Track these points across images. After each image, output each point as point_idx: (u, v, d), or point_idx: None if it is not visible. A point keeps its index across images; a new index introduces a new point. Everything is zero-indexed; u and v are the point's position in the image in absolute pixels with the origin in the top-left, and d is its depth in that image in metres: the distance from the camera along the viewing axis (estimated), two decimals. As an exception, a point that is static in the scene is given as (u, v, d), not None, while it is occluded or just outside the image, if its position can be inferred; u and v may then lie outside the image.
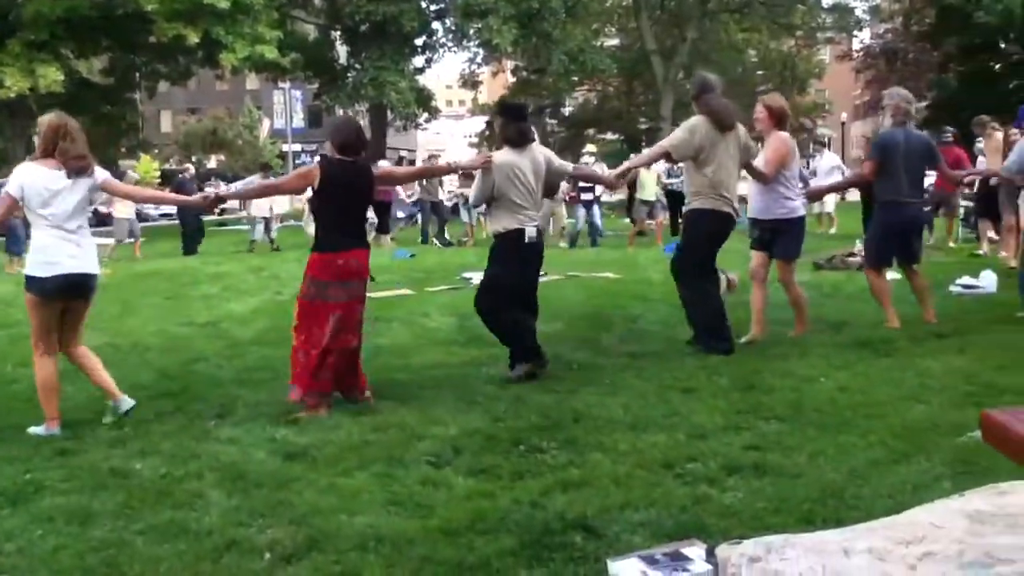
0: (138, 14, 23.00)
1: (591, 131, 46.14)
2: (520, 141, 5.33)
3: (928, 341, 5.84)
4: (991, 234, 11.24)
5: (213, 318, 7.85)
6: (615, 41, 42.07)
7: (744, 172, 6.13)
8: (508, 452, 3.85)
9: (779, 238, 6.14)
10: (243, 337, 6.92)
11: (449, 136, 73.31)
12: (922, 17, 29.59)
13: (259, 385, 5.31)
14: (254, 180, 15.47)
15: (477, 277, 9.96)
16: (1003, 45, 26.67)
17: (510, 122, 5.44)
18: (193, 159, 40.10)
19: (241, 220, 21.89)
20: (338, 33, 31.46)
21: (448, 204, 18.17)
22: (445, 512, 3.19)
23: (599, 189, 14.86)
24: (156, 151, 45.44)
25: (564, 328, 6.78)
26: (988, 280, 7.79)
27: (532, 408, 4.49)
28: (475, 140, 42.77)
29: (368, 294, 8.65)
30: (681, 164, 6.89)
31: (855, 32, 38.50)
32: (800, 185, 7.67)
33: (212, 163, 48.64)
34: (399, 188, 16.56)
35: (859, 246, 11.05)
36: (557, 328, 6.77)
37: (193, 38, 22.97)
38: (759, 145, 6.28)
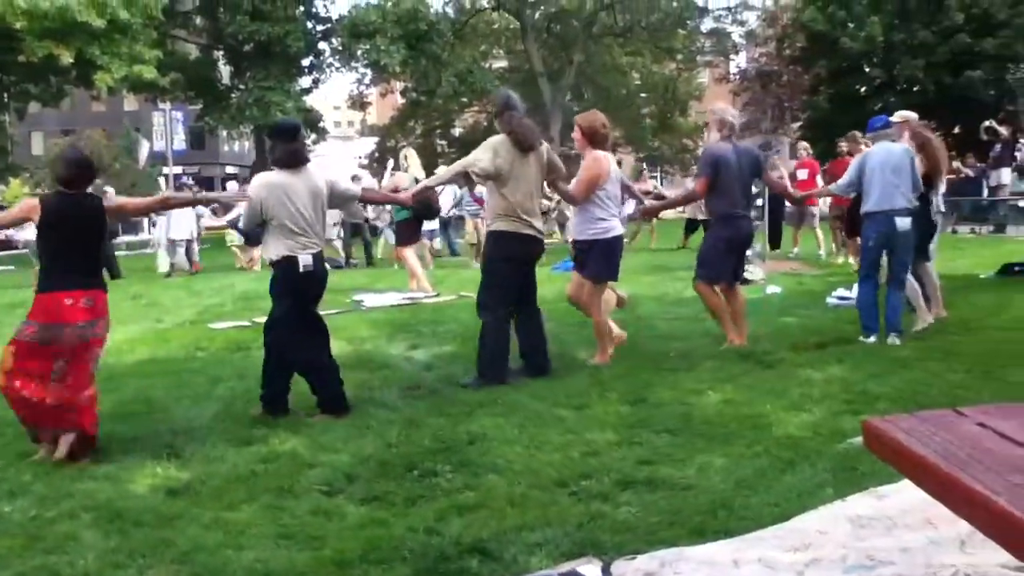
0: (5, 32, 21.88)
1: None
2: (291, 162, 4.94)
3: (808, 352, 6.06)
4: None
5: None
6: (503, 63, 42.60)
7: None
8: (402, 478, 3.78)
9: (588, 257, 6.04)
10: (120, 369, 6.59)
11: (338, 157, 72.43)
12: (794, 42, 30.98)
13: (137, 419, 5.06)
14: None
15: (369, 299, 9.89)
16: (867, 69, 28.17)
17: (280, 143, 5.00)
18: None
19: (122, 246, 20.98)
20: (221, 53, 30.74)
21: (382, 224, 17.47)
22: (337, 543, 3.10)
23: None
24: (27, 175, 43.20)
25: (457, 349, 6.73)
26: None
27: (426, 432, 4.43)
28: (364, 161, 42.37)
29: (256, 319, 8.41)
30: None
31: (732, 56, 40.05)
32: (634, 203, 7.90)
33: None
34: None
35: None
36: (449, 350, 6.73)
37: (66, 58, 22.01)
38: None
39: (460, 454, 4.06)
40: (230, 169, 55.82)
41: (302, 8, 30.25)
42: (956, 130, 28.44)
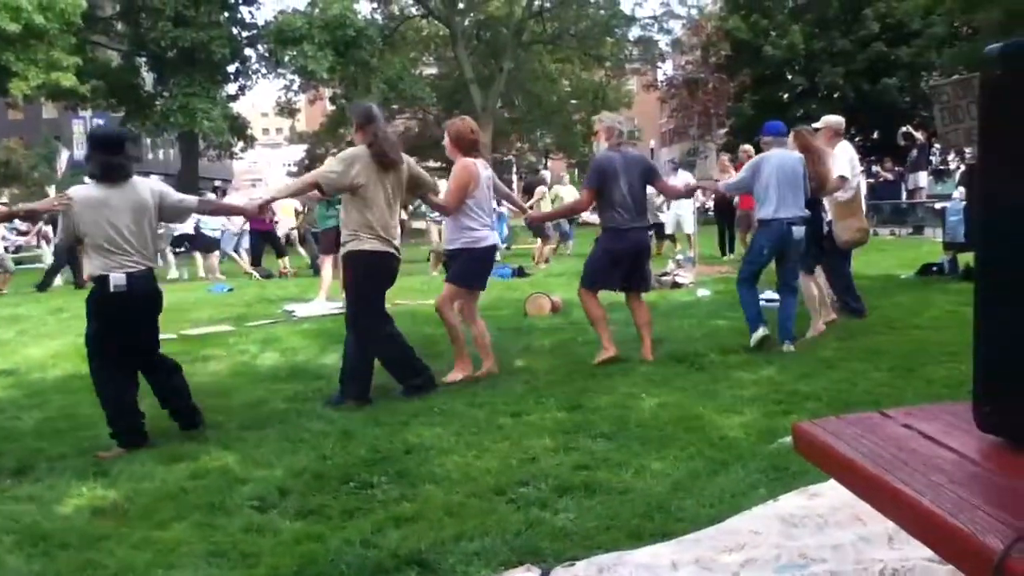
0: (-88, 37, 21.07)
1: (413, 159, 46.21)
2: (111, 176, 4.63)
3: (739, 354, 6.18)
4: None
5: (9, 365, 7.20)
6: (434, 70, 42.55)
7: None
8: (337, 490, 3.73)
9: (454, 263, 6.01)
10: (43, 385, 6.39)
11: (267, 164, 71.33)
12: (718, 50, 31.69)
13: (61, 436, 4.90)
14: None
15: (301, 309, 9.75)
16: (790, 76, 28.96)
17: (99, 155, 4.69)
18: (-18, 193, 36.94)
19: (39, 258, 20.34)
20: (144, 60, 30.02)
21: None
22: (272, 559, 3.04)
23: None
24: (-61, 185, 41.55)
25: (392, 358, 6.67)
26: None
27: (361, 442, 4.38)
28: (294, 169, 41.83)
29: (186, 331, 8.24)
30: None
31: (659, 64, 40.72)
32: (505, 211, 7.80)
33: (4, 197, 44.95)
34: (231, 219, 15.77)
35: (671, 266, 11.63)
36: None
37: (-22, 64, 21.26)
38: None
39: (397, 464, 4.02)
40: (155, 177, 54.66)
41: (226, 14, 29.74)
42: (875, 135, 29.40)
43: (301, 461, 4.14)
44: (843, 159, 7.26)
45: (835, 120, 7.61)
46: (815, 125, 7.44)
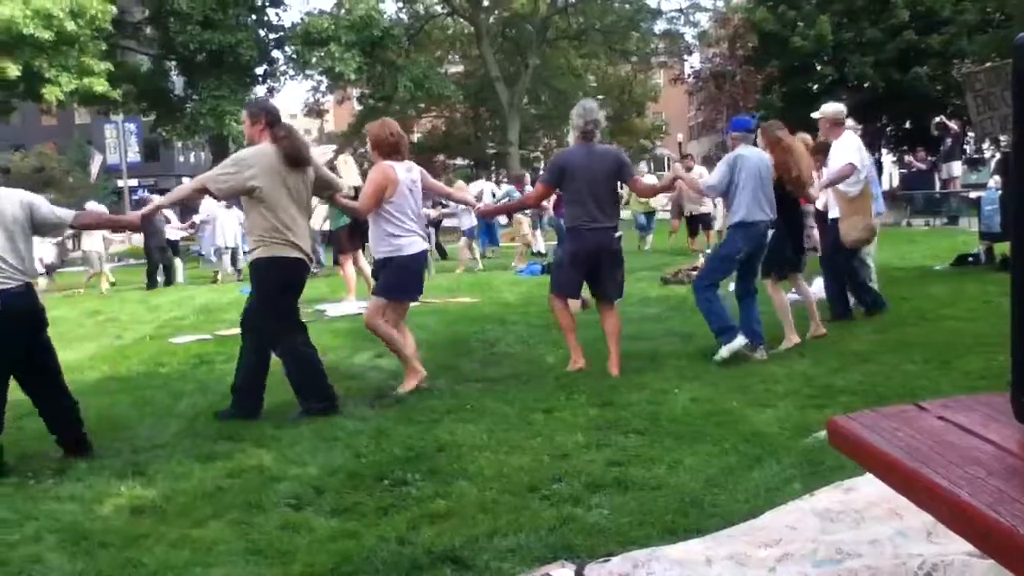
0: (-51, 46, 21.45)
1: (441, 157, 46.42)
2: None
3: (771, 347, 6.13)
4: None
5: (46, 368, 7.32)
6: (459, 68, 42.63)
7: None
8: (372, 488, 3.76)
9: (381, 274, 5.67)
10: (81, 387, 6.46)
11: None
12: (745, 42, 31.41)
13: (100, 437, 4.96)
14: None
15: (332, 309, 9.82)
16: (818, 67, 28.66)
17: None
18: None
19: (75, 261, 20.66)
20: (173, 63, 30.34)
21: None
22: (307, 557, 3.07)
23: None
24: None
25: (424, 356, 6.68)
26: (818, 286, 8.28)
27: (395, 440, 4.41)
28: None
29: (221, 332, 8.33)
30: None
31: (685, 57, 40.47)
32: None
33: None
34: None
35: (701, 260, 11.56)
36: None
37: (13, 72, 21.56)
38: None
39: (430, 462, 4.05)
40: (186, 180, 55.29)
41: (254, 17, 29.96)
42: (907, 124, 29.02)
43: (336, 459, 4.18)
44: (849, 148, 6.78)
45: (833, 109, 7.07)
46: (814, 115, 7.12)
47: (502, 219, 16.27)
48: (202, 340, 8.16)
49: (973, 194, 13.83)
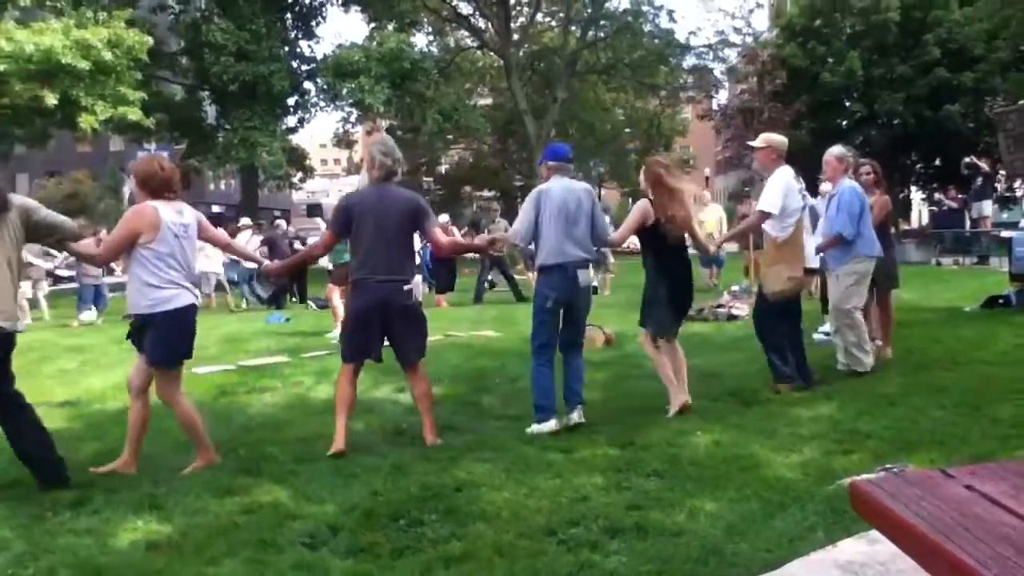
0: (-11, 74, 21.91)
1: (467, 188, 46.71)
2: None
3: (797, 390, 6.04)
4: None
5: (71, 396, 7.37)
6: (488, 100, 42.96)
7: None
8: (388, 528, 3.72)
9: (147, 337, 4.83)
10: (102, 416, 6.52)
11: (324, 195, 72.70)
12: (774, 78, 31.35)
13: (120, 467, 4.99)
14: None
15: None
16: (847, 103, 28.53)
17: None
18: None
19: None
20: (206, 93, 30.85)
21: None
22: (321, 598, 3.04)
23: None
24: (11, 216, 43.03)
25: (444, 391, 6.69)
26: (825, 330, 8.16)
27: (412, 479, 4.37)
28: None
29: (244, 362, 8.35)
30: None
31: (714, 92, 40.48)
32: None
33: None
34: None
35: (727, 297, 11.49)
36: (437, 391, 6.65)
37: (51, 100, 21.98)
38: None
39: (447, 501, 4.00)
40: (216, 208, 55.76)
41: (287, 48, 30.43)
42: (937, 162, 28.80)
43: (352, 497, 4.14)
44: (775, 188, 6.08)
45: (778, 140, 6.35)
46: (754, 144, 6.40)
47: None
48: (225, 371, 8.19)
49: (1004, 233, 13.64)
